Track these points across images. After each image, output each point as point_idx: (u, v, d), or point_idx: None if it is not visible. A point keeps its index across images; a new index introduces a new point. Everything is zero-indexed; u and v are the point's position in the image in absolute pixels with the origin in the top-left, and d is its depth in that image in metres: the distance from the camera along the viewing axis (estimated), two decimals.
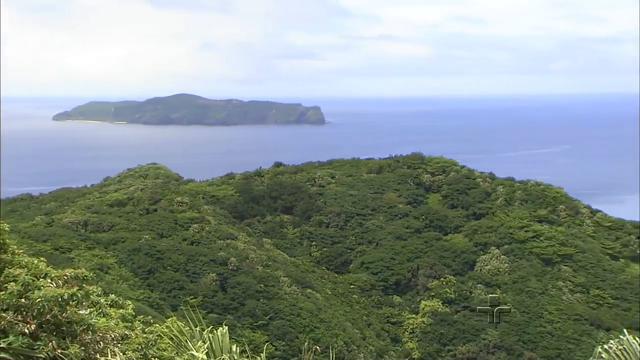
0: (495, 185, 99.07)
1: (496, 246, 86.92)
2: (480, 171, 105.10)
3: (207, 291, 69.42)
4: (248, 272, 72.62)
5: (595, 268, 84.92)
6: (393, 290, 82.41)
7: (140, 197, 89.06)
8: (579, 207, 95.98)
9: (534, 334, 75.85)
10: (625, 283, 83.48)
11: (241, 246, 77.60)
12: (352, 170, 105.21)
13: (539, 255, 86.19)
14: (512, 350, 73.42)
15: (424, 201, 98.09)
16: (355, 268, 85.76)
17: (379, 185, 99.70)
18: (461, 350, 73.51)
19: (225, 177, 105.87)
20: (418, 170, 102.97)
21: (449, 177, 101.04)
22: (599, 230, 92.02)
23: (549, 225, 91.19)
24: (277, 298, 70.17)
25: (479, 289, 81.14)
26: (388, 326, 77.62)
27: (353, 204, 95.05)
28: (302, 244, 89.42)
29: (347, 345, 67.40)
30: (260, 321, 66.58)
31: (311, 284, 76.91)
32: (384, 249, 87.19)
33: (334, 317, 71.88)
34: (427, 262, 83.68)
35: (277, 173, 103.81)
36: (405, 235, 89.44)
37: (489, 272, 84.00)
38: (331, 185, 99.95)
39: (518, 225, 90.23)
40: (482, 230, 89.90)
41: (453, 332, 75.78)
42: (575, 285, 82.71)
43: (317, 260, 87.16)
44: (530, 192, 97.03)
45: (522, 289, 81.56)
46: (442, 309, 78.42)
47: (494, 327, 76.15)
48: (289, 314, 68.64)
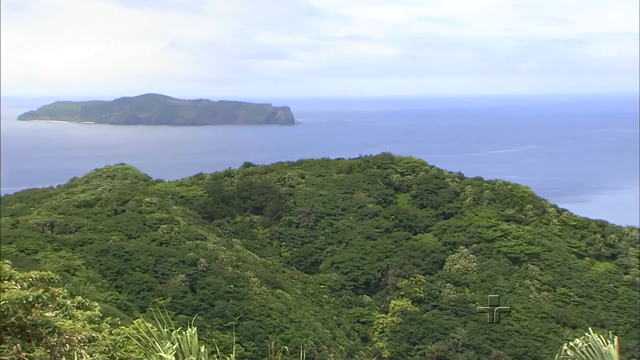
0: (464, 185, 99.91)
1: (465, 245, 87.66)
2: (449, 171, 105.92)
3: (176, 292, 68.92)
4: (218, 272, 72.26)
5: (562, 266, 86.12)
6: (363, 290, 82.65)
7: (108, 197, 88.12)
8: (545, 206, 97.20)
9: (501, 332, 76.65)
10: (591, 281, 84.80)
11: (211, 247, 77.19)
12: (322, 171, 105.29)
13: (506, 254, 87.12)
14: (481, 349, 74.12)
15: (393, 201, 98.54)
16: (325, 268, 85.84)
17: (349, 185, 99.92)
18: (430, 349, 73.99)
19: (194, 177, 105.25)
20: (388, 170, 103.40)
21: (418, 177, 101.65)
22: (565, 229, 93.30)
23: (517, 224, 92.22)
24: (247, 299, 69.93)
25: (448, 288, 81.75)
26: (358, 326, 77.82)
27: (323, 204, 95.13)
28: (272, 244, 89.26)
29: (317, 345, 67.43)
30: (230, 322, 66.28)
31: (281, 284, 76.79)
32: (354, 248, 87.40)
33: (304, 317, 71.85)
34: (397, 262, 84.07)
35: (247, 173, 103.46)
36: (375, 235, 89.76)
37: (457, 271, 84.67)
38: (301, 186, 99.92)
39: (486, 225, 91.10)
40: (451, 229, 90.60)
41: (422, 331, 76.25)
42: (542, 283, 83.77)
43: (287, 260, 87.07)
44: (498, 192, 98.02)
45: (490, 288, 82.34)
46: (412, 308, 78.85)
47: (462, 326, 76.83)
48: (259, 314, 68.46)
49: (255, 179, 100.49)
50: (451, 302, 79.68)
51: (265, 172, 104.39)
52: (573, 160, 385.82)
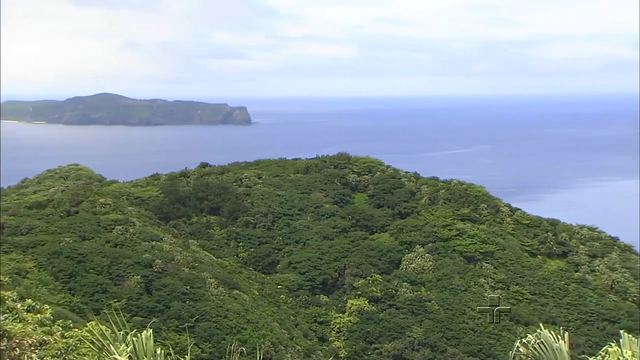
0: (420, 185, 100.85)
1: (421, 245, 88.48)
2: (406, 171, 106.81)
3: (131, 294, 68.03)
4: (174, 274, 71.56)
5: (515, 265, 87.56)
6: (320, 290, 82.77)
7: (61, 198, 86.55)
8: (499, 205, 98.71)
9: (457, 330, 77.59)
10: (543, 279, 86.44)
11: (167, 248, 76.41)
12: (279, 171, 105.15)
13: (461, 253, 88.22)
14: (436, 347, 74.91)
15: (350, 201, 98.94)
16: (282, 268, 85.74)
17: (306, 185, 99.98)
18: (387, 348, 74.49)
19: (150, 178, 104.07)
20: (344, 170, 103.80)
21: (375, 177, 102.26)
22: (518, 228, 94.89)
23: (472, 223, 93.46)
24: (204, 300, 69.41)
25: (404, 287, 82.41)
26: (315, 325, 77.92)
27: (280, 204, 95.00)
28: (229, 245, 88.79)
29: (274, 345, 67.30)
30: (186, 323, 65.68)
31: (238, 285, 76.44)
32: (311, 248, 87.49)
33: (261, 317, 71.64)
34: (354, 262, 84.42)
35: (203, 174, 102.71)
36: (332, 235, 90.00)
37: (414, 270, 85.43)
38: (258, 186, 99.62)
39: (442, 224, 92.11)
40: (408, 229, 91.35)
41: (379, 330, 76.72)
42: (496, 281, 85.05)
43: (245, 261, 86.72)
44: (453, 192, 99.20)
45: (445, 287, 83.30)
46: (369, 308, 79.26)
47: (419, 325, 77.55)
48: (216, 315, 68.01)
49: (212, 179, 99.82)
50: (407, 301, 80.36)
51: (221, 172, 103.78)
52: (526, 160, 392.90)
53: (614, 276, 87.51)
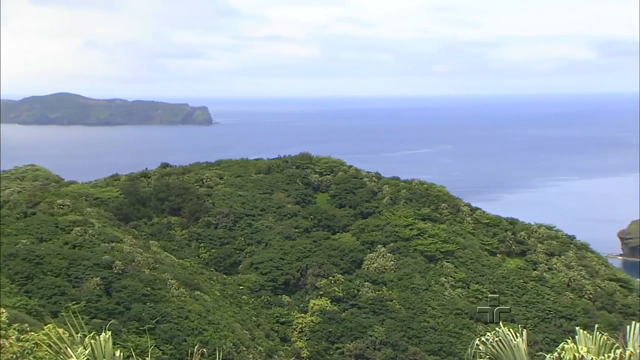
0: (382, 185, 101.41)
1: (383, 244, 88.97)
2: (367, 171, 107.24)
3: (90, 296, 67.09)
4: (134, 275, 70.77)
5: (475, 264, 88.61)
6: (282, 290, 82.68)
7: (17, 200, 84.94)
8: (459, 205, 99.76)
9: (418, 329, 78.24)
10: (502, 277, 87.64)
11: (127, 249, 75.53)
12: (241, 171, 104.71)
13: (422, 253, 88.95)
14: (398, 346, 75.43)
15: (312, 201, 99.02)
16: (244, 269, 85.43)
17: (268, 186, 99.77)
18: (349, 348, 74.76)
19: (109, 178, 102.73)
20: (306, 170, 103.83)
21: (336, 177, 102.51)
22: (478, 227, 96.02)
23: (432, 223, 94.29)
24: (165, 301, 68.79)
25: (366, 286, 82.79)
26: (277, 326, 77.81)
27: (242, 204, 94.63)
28: (190, 246, 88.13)
29: (236, 346, 67.03)
30: (146, 325, 65.01)
31: (200, 286, 75.93)
32: (273, 249, 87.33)
33: (222, 318, 71.28)
34: (316, 262, 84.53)
35: (164, 174, 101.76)
36: (294, 235, 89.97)
37: (375, 270, 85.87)
38: (219, 186, 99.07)
39: (403, 224, 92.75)
40: (369, 229, 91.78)
41: (341, 330, 76.95)
42: (456, 280, 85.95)
43: (206, 261, 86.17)
44: (414, 191, 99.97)
45: (407, 286, 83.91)
46: (331, 308, 79.43)
47: (380, 324, 78.00)
48: (177, 316, 67.46)
49: (173, 179, 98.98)
50: (369, 301, 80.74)
51: (182, 172, 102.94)
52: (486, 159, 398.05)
53: (571, 274, 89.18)
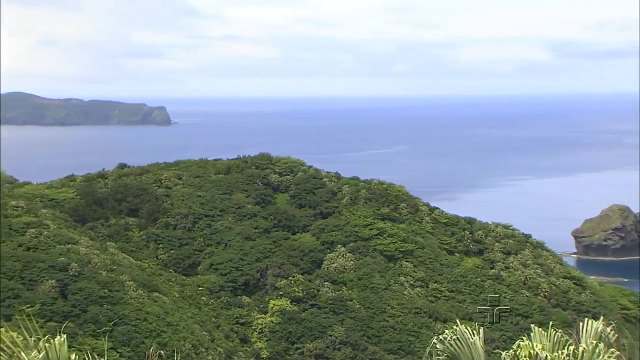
0: (341, 185, 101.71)
1: (342, 244, 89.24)
2: (327, 171, 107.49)
3: (45, 299, 65.84)
4: (91, 277, 69.71)
5: (434, 263, 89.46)
6: (242, 291, 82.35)
7: None
8: (418, 204, 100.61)
9: (377, 328, 78.66)
10: (460, 276, 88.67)
11: (83, 251, 74.34)
12: (200, 171, 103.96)
13: (382, 252, 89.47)
14: (357, 345, 75.73)
15: (272, 201, 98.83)
16: (203, 270, 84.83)
17: (227, 186, 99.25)
18: (309, 348, 74.81)
19: (65, 179, 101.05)
20: (266, 171, 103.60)
21: (296, 177, 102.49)
22: (436, 226, 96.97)
23: (392, 222, 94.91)
24: (122, 303, 67.90)
25: (326, 286, 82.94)
26: (237, 327, 77.47)
27: (201, 205, 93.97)
28: (148, 247, 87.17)
29: (195, 347, 66.53)
30: (103, 327, 64.10)
31: (158, 287, 75.13)
32: (232, 249, 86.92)
33: (181, 320, 70.68)
34: (276, 262, 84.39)
35: (122, 175, 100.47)
36: (254, 236, 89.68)
37: (335, 269, 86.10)
38: (178, 187, 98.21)
39: (363, 224, 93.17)
40: (329, 229, 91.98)
41: (301, 330, 76.96)
42: (415, 279, 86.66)
43: (165, 262, 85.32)
44: (373, 191, 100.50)
45: (366, 285, 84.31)
46: (291, 308, 79.39)
47: (340, 324, 78.22)
48: (135, 318, 66.65)
49: (131, 180, 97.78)
50: (329, 301, 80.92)
51: (140, 173, 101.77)
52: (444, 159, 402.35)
53: (527, 272, 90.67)
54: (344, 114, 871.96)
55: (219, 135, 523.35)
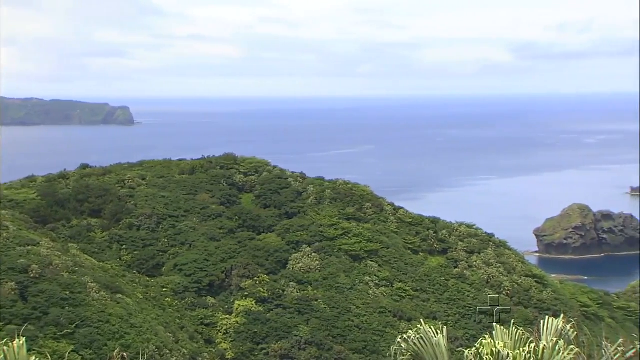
0: (306, 185, 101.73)
1: (308, 244, 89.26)
2: (292, 171, 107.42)
3: (4, 301, 64.58)
4: (52, 279, 68.59)
5: (398, 262, 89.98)
6: (207, 292, 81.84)
7: None
8: (383, 204, 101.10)
9: (342, 328, 78.83)
10: (424, 275, 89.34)
11: (44, 252, 73.10)
12: (164, 172, 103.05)
13: (347, 252, 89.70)
14: (323, 345, 75.81)
15: (237, 201, 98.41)
16: (168, 271, 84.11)
17: (192, 186, 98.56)
18: (274, 348, 74.66)
19: (25, 179, 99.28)
20: (231, 171, 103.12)
21: (261, 177, 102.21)
22: (401, 226, 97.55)
23: (357, 222, 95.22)
24: (84, 305, 66.97)
25: (291, 287, 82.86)
26: (202, 328, 76.97)
27: (165, 205, 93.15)
28: (111, 248, 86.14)
29: (159, 349, 65.92)
30: (65, 330, 63.15)
31: (121, 289, 74.25)
32: (197, 250, 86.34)
33: (145, 321, 69.97)
34: (241, 262, 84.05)
35: (84, 175, 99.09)
36: (219, 236, 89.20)
37: (300, 269, 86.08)
38: (142, 187, 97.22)
39: (328, 224, 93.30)
40: (294, 229, 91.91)
41: (266, 330, 76.78)
42: (380, 279, 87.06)
43: (128, 264, 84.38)
44: (339, 191, 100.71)
45: (332, 285, 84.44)
46: (256, 308, 79.15)
47: (305, 324, 78.22)
48: (97, 320, 65.79)
49: (93, 180, 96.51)
50: (294, 301, 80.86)
51: (103, 173, 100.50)
52: (408, 159, 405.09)
53: (490, 271, 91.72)
54: (309, 114, 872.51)
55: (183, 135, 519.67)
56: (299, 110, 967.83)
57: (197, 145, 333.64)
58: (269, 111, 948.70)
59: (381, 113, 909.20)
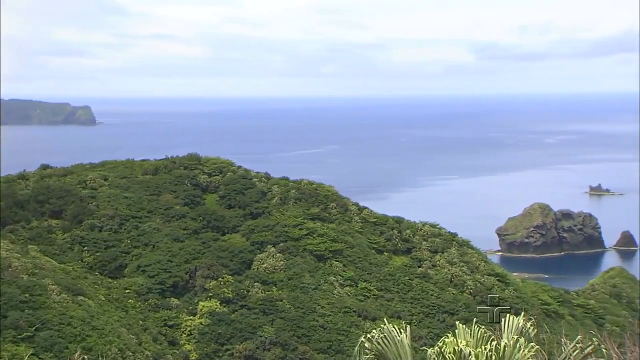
0: (271, 185, 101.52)
1: (272, 244, 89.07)
2: (256, 171, 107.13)
3: None
4: (11, 281, 67.30)
5: (363, 262, 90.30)
6: (170, 293, 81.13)
7: None
8: (348, 204, 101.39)
9: (307, 328, 78.82)
10: (389, 275, 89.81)
11: (3, 254, 71.68)
12: (127, 172, 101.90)
13: (312, 252, 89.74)
14: (287, 345, 75.72)
15: (201, 202, 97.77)
16: (131, 272, 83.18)
17: (155, 187, 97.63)
18: (239, 349, 74.34)
19: None
20: (195, 171, 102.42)
21: (225, 178, 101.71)
22: (365, 226, 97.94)
23: (321, 222, 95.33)
24: (45, 307, 65.85)
25: (256, 287, 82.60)
26: (165, 329, 76.27)
27: (128, 206, 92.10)
28: (73, 250, 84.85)
29: (122, 351, 65.13)
30: (25, 333, 62.02)
31: (83, 291, 73.20)
32: (160, 251, 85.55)
33: (107, 323, 69.09)
34: (205, 263, 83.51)
35: (44, 176, 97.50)
36: (183, 237, 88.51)
37: (265, 270, 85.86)
38: (104, 188, 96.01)
39: (293, 224, 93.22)
40: (259, 229, 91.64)
41: (231, 331, 76.41)
42: (345, 279, 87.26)
43: (90, 265, 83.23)
44: (303, 191, 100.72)
45: (296, 285, 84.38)
46: (220, 309, 78.72)
47: (270, 324, 78.03)
48: (58, 323, 64.74)
49: (54, 181, 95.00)
50: (259, 301, 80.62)
51: (64, 174, 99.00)
52: (373, 159, 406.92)
53: (453, 270, 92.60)
54: (274, 114, 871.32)
55: (146, 135, 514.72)
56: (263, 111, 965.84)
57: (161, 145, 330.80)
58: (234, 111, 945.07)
59: (346, 113, 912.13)
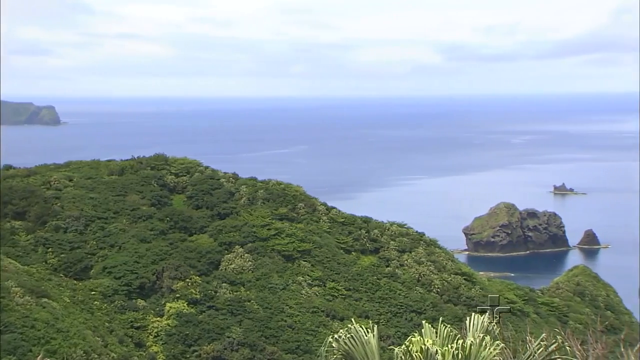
0: (239, 185, 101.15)
1: (240, 245, 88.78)
2: (224, 171, 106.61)
3: None
4: None
5: (331, 262, 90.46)
6: (137, 294, 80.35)
7: None
8: (316, 204, 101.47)
9: (275, 328, 78.74)
10: (357, 275, 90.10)
11: None
12: (92, 173, 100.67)
13: (280, 252, 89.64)
14: (255, 346, 75.54)
15: (168, 202, 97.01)
16: (96, 273, 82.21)
17: (121, 187, 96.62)
18: (206, 350, 73.95)
19: None
20: (162, 172, 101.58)
21: (193, 178, 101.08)
22: (333, 226, 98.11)
23: (290, 222, 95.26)
24: (8, 310, 64.76)
25: (223, 287, 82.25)
26: (132, 331, 75.54)
27: (93, 207, 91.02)
28: (36, 251, 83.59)
29: (87, 354, 64.34)
30: None
31: (47, 293, 72.14)
32: (127, 252, 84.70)
33: (72, 326, 68.19)
34: (172, 264, 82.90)
35: (7, 177, 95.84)
36: (150, 238, 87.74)
37: (233, 270, 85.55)
38: (69, 189, 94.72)
39: (261, 224, 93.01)
40: (227, 229, 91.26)
41: (198, 332, 75.97)
42: (313, 279, 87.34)
43: (55, 267, 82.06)
44: (271, 191, 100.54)
45: (265, 286, 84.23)
46: (187, 310, 78.23)
47: (238, 325, 77.77)
48: (22, 326, 63.73)
49: (17, 182, 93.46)
50: (227, 302, 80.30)
51: (27, 174, 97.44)
52: (341, 159, 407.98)
53: (421, 269, 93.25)
54: (241, 114, 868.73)
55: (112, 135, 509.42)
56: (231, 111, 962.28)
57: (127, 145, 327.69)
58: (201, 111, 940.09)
59: (314, 113, 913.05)
